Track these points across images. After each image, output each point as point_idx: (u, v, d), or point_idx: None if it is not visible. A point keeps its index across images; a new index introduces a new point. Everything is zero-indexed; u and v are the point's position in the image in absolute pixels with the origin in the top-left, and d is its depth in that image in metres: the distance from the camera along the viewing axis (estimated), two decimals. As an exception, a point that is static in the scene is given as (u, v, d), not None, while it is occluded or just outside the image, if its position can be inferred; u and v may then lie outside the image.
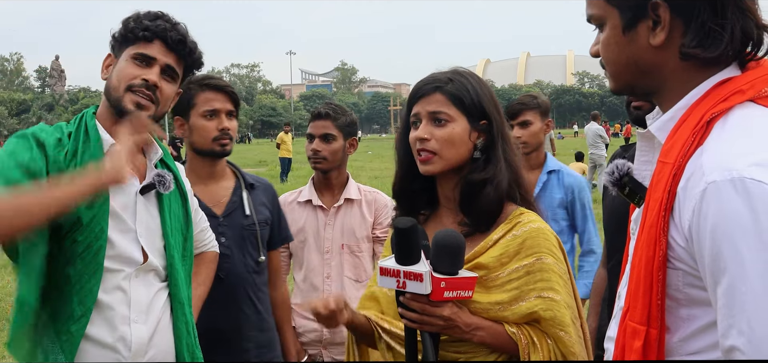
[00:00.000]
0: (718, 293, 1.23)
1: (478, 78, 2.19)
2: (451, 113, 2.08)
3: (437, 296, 1.87)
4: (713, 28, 1.35)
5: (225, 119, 3.04)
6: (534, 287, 2.01)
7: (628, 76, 1.49)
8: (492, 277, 2.03)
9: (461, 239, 1.90)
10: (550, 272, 2.03)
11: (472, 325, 1.98)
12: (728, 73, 1.39)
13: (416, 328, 1.95)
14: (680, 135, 1.35)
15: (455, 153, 2.09)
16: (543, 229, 2.09)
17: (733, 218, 1.20)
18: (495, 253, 2.04)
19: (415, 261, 1.87)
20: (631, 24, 1.42)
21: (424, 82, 2.15)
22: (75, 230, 2.24)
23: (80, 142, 2.33)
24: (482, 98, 2.12)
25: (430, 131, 2.08)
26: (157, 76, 2.38)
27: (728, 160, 1.23)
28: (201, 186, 3.11)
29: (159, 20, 2.40)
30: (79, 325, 2.24)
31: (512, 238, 2.05)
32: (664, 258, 1.31)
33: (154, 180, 2.42)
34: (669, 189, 1.30)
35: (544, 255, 2.04)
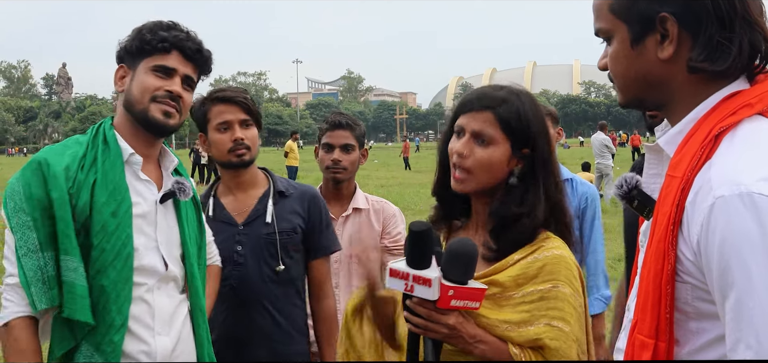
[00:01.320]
0: (726, 307, 1.23)
1: (533, 101, 2.12)
2: (495, 135, 2.03)
3: (444, 304, 1.84)
4: (721, 41, 1.35)
5: (238, 129, 3.01)
6: (545, 314, 1.96)
7: (637, 90, 1.49)
8: (506, 296, 1.99)
9: (474, 249, 1.86)
10: (565, 302, 1.98)
11: (476, 337, 1.94)
12: (737, 87, 1.38)
13: (420, 333, 1.91)
14: (689, 148, 1.34)
15: (490, 177, 2.05)
16: (565, 257, 2.03)
17: (741, 233, 1.20)
18: (513, 273, 2.00)
19: (425, 266, 1.85)
20: (640, 38, 1.42)
21: (477, 95, 2.10)
22: (102, 239, 2.24)
23: (99, 150, 2.33)
24: (532, 125, 2.05)
25: (470, 148, 2.04)
26: (180, 87, 2.40)
27: (736, 174, 1.23)
28: (230, 196, 3.12)
29: (174, 31, 2.40)
30: (120, 334, 2.25)
31: (533, 260, 2.00)
32: (672, 272, 1.31)
33: (174, 187, 2.43)
34: (677, 203, 1.30)
35: (561, 284, 1.98)
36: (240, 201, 3.12)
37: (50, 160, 2.25)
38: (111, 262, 2.23)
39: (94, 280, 2.23)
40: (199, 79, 2.54)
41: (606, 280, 4.09)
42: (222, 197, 3.13)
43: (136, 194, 2.35)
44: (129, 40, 2.41)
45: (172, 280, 2.43)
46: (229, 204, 3.09)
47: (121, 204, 2.27)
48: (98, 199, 2.24)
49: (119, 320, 2.24)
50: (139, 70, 2.38)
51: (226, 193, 3.12)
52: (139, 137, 2.42)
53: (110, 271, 2.23)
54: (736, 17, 1.34)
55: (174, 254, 2.44)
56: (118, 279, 2.24)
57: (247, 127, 3.04)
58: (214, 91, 3.09)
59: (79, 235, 2.23)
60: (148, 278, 2.35)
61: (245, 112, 3.03)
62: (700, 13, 1.35)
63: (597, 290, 4.05)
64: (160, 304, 2.37)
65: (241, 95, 3.05)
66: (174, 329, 2.40)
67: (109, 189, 2.27)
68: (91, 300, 2.22)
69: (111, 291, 2.23)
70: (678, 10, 1.37)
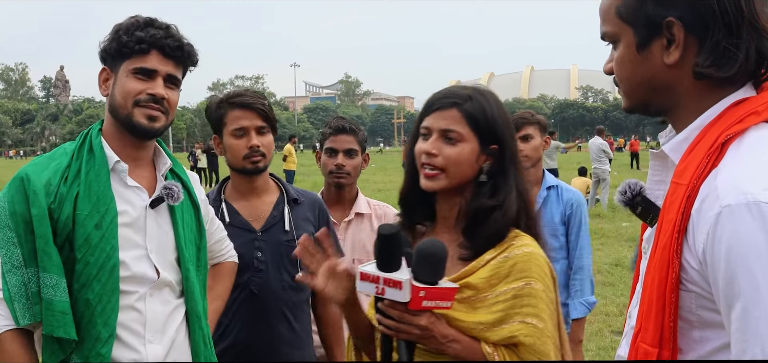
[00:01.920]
0: (731, 317, 1.22)
1: (497, 100, 2.14)
2: (463, 132, 2.04)
3: (415, 305, 1.84)
4: (727, 47, 1.33)
5: (254, 136, 2.99)
6: (519, 311, 1.97)
7: (642, 94, 1.48)
8: (480, 298, 2.00)
9: (443, 249, 1.86)
10: (538, 299, 1.99)
11: (448, 336, 1.95)
12: (743, 94, 1.37)
13: (392, 335, 1.93)
14: (694, 156, 1.33)
15: (460, 174, 2.05)
16: (536, 254, 2.04)
17: (748, 242, 1.18)
18: (485, 274, 2.01)
19: (395, 268, 1.86)
20: (645, 42, 1.42)
21: (442, 94, 2.10)
22: (86, 252, 2.21)
23: (84, 161, 2.30)
24: (498, 122, 2.08)
25: (439, 147, 2.04)
26: (163, 89, 2.35)
27: (743, 183, 1.22)
28: (242, 202, 3.10)
29: (151, 28, 2.33)
30: (108, 346, 2.23)
31: (504, 259, 2.01)
32: (676, 280, 1.30)
33: (162, 192, 2.39)
34: (683, 211, 1.29)
35: (534, 280, 1.99)
36: (254, 206, 3.10)
37: (32, 175, 2.23)
38: (95, 275, 2.21)
39: (79, 294, 2.21)
40: (185, 74, 2.49)
41: (591, 286, 4.12)
42: (233, 202, 3.10)
43: (123, 202, 2.31)
44: (108, 42, 2.36)
45: (166, 286, 2.39)
46: (242, 209, 3.07)
47: (105, 215, 2.24)
48: (81, 212, 2.22)
49: (106, 333, 2.22)
50: (120, 74, 2.34)
51: (237, 198, 3.10)
52: (127, 142, 2.38)
53: (95, 285, 2.21)
54: (744, 23, 1.33)
55: (168, 259, 2.41)
56: (103, 292, 2.22)
57: (263, 133, 3.03)
58: (232, 95, 3.07)
59: (62, 249, 2.21)
60: (139, 286, 2.32)
61: (262, 119, 3.01)
62: (706, 19, 1.34)
63: (581, 295, 4.08)
64: (152, 311, 2.34)
65: (260, 101, 3.03)
66: (167, 336, 2.37)
67: (93, 201, 2.24)
68: (77, 314, 2.21)
69: (96, 304, 2.21)
70: (684, 15, 1.36)
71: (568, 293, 4.10)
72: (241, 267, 2.92)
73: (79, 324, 2.21)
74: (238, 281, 2.94)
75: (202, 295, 2.53)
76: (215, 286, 2.75)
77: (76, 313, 2.21)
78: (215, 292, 2.74)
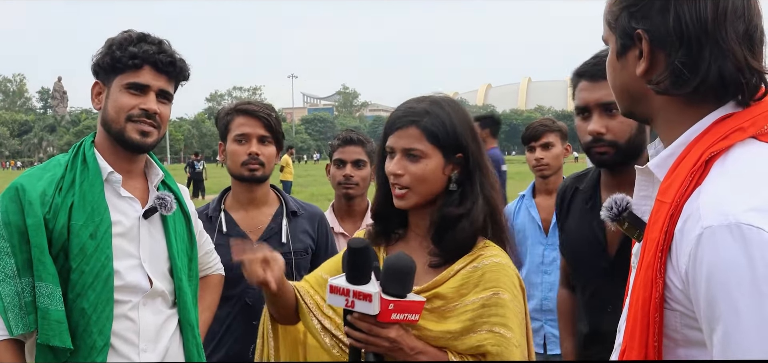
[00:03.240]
0: (713, 340, 1.20)
1: (456, 107, 2.15)
2: (425, 149, 2.05)
3: (385, 317, 1.88)
4: (679, 67, 1.32)
5: (255, 144, 3.01)
6: (487, 321, 1.99)
7: (624, 101, 1.49)
8: (449, 308, 2.02)
9: (411, 263, 1.90)
10: (506, 308, 2.00)
11: (416, 348, 1.97)
12: (730, 109, 1.34)
13: (362, 348, 1.95)
14: (678, 173, 1.31)
15: (428, 188, 2.07)
16: (504, 264, 2.06)
17: (728, 266, 1.16)
18: (454, 284, 2.03)
19: (365, 281, 1.88)
20: (622, 51, 1.43)
21: (400, 112, 2.12)
22: (81, 261, 2.23)
23: (78, 171, 2.32)
24: (458, 131, 2.08)
25: (403, 166, 2.06)
26: (155, 104, 2.38)
27: (725, 204, 1.19)
28: (241, 211, 3.12)
29: (144, 44, 2.36)
30: (103, 355, 2.24)
31: (473, 269, 2.03)
32: (660, 299, 1.28)
33: (156, 202, 2.41)
34: (666, 230, 1.27)
35: (502, 290, 2.01)
36: (252, 217, 3.11)
37: (27, 185, 2.25)
38: (90, 284, 2.23)
39: (74, 303, 2.22)
40: (177, 88, 2.51)
41: None
42: (232, 212, 3.12)
43: (117, 212, 2.34)
44: (101, 56, 2.38)
45: (159, 295, 2.41)
46: (241, 220, 3.08)
47: (99, 225, 2.26)
48: (76, 222, 2.24)
49: (101, 342, 2.23)
50: (113, 89, 2.37)
51: (237, 208, 3.12)
52: (119, 154, 2.41)
53: (90, 294, 2.23)
54: (707, 44, 1.30)
55: (161, 269, 2.43)
56: (98, 301, 2.23)
57: (265, 143, 3.05)
58: (239, 103, 3.11)
59: (57, 258, 2.23)
60: (132, 296, 2.34)
61: (265, 129, 3.03)
62: (667, 35, 1.33)
63: None
64: (145, 320, 2.36)
65: (265, 111, 3.05)
66: (160, 345, 2.39)
67: (87, 211, 2.26)
68: (72, 322, 2.22)
69: (91, 313, 2.22)
70: (651, 29, 1.35)
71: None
72: (235, 278, 2.92)
73: (74, 333, 2.22)
74: (232, 293, 2.96)
75: (194, 304, 2.55)
76: (204, 298, 2.77)
77: (71, 322, 2.22)
78: (204, 304, 2.77)
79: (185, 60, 2.48)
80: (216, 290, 2.88)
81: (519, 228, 4.21)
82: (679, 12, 1.32)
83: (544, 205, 4.17)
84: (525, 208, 4.23)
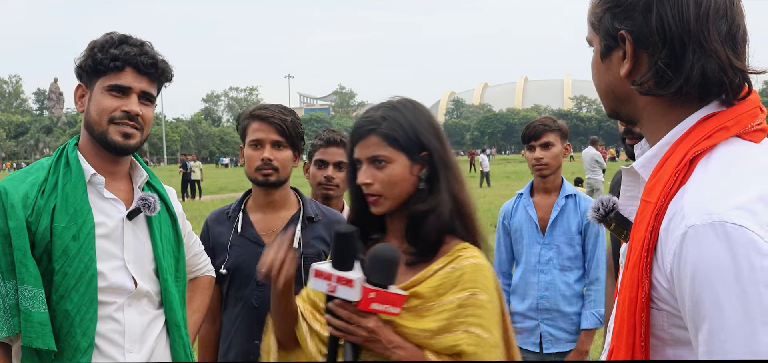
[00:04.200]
0: (699, 339, 1.21)
1: (413, 107, 2.18)
2: (388, 154, 2.09)
3: (364, 306, 1.90)
4: (662, 67, 1.33)
5: (268, 149, 3.02)
6: (464, 321, 2.00)
7: (610, 102, 1.50)
8: (427, 307, 2.04)
9: (397, 254, 1.94)
10: (483, 309, 2.02)
11: (393, 342, 1.99)
12: (713, 108, 1.35)
13: (340, 336, 1.97)
14: (663, 173, 1.32)
15: (399, 191, 2.11)
16: (482, 265, 2.09)
17: (712, 265, 1.17)
18: (433, 284, 2.05)
19: (349, 268, 1.91)
20: (606, 52, 1.43)
21: (359, 124, 2.16)
22: (64, 263, 2.23)
23: (60, 174, 2.32)
24: (419, 130, 2.12)
25: (371, 174, 2.10)
26: (137, 105, 2.38)
27: (709, 202, 1.20)
28: (259, 214, 3.13)
29: (125, 46, 2.37)
30: (87, 356, 2.24)
31: (452, 270, 2.06)
32: (647, 299, 1.28)
33: (139, 203, 2.42)
34: (651, 230, 1.28)
35: (479, 291, 2.04)
36: (269, 221, 3.12)
37: (9, 188, 2.25)
38: (74, 286, 2.23)
39: (57, 306, 2.22)
40: (160, 90, 2.52)
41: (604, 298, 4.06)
42: (251, 214, 3.14)
43: (100, 214, 2.34)
44: (83, 59, 2.39)
45: (144, 296, 2.41)
46: (257, 222, 3.10)
47: (82, 227, 2.26)
48: (58, 224, 2.24)
49: (85, 343, 2.23)
50: (95, 91, 2.37)
51: (255, 210, 3.14)
52: (103, 156, 2.41)
53: (73, 295, 2.23)
54: (690, 44, 1.31)
55: (146, 270, 2.43)
56: (81, 302, 2.23)
57: (279, 148, 3.04)
58: (256, 108, 3.12)
59: (40, 261, 2.23)
60: (117, 297, 2.34)
61: (279, 133, 3.02)
62: (650, 35, 1.34)
63: (594, 306, 4.04)
64: (130, 321, 2.36)
65: (278, 116, 3.04)
66: (146, 346, 2.39)
67: (70, 213, 2.26)
68: (56, 325, 2.22)
69: (75, 315, 2.23)
70: (635, 30, 1.36)
71: (582, 303, 4.08)
72: (244, 280, 2.95)
73: (58, 335, 2.22)
74: (240, 294, 2.99)
75: (181, 304, 2.56)
76: (193, 300, 2.78)
77: (55, 324, 2.22)
78: (194, 306, 2.77)
79: (167, 61, 2.48)
80: (206, 292, 2.88)
81: (516, 227, 4.21)
82: (661, 12, 1.32)
83: (541, 205, 4.17)
84: (522, 206, 4.23)
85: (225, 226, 3.11)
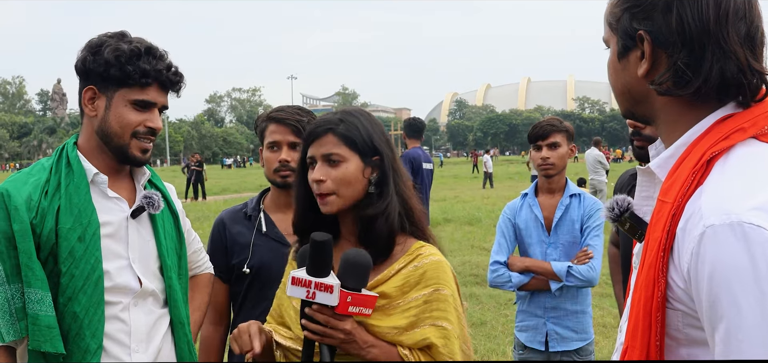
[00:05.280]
0: (715, 339, 1.21)
1: (368, 115, 2.28)
2: (343, 153, 2.16)
3: (342, 309, 1.98)
4: (681, 68, 1.33)
5: (286, 151, 3.02)
6: (430, 315, 2.12)
7: (625, 102, 1.50)
8: (393, 305, 2.13)
9: (369, 258, 2.02)
10: (447, 303, 2.15)
11: (368, 342, 2.08)
12: (730, 109, 1.35)
13: (317, 340, 2.03)
14: (680, 174, 1.32)
15: (351, 191, 2.17)
16: (442, 262, 2.20)
17: (730, 264, 1.17)
18: (397, 283, 2.14)
19: (326, 274, 1.97)
20: (624, 52, 1.43)
21: (316, 124, 2.23)
22: (70, 265, 2.22)
23: (62, 175, 2.31)
24: (373, 135, 2.21)
25: (325, 172, 2.16)
26: (158, 120, 2.41)
27: (727, 203, 1.20)
28: (280, 214, 3.13)
29: (153, 59, 2.34)
30: (97, 357, 2.24)
31: (413, 269, 2.16)
32: (662, 299, 1.28)
33: (143, 202, 2.41)
34: (668, 229, 1.28)
35: (442, 287, 2.15)
36: (289, 220, 3.10)
37: (12, 191, 2.23)
38: (81, 287, 2.22)
39: (65, 308, 2.21)
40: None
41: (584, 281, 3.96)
42: (271, 213, 3.13)
43: (104, 213, 2.33)
44: (101, 65, 2.31)
45: (149, 295, 2.41)
46: (279, 222, 3.10)
47: (87, 227, 2.25)
48: (63, 226, 2.22)
49: (94, 345, 2.23)
50: (116, 101, 2.34)
51: (275, 209, 3.14)
52: (108, 161, 2.40)
53: (81, 297, 2.22)
54: (708, 45, 1.31)
55: (151, 268, 2.43)
56: (89, 304, 2.23)
57: (297, 149, 3.01)
58: (273, 110, 3.13)
59: (46, 263, 2.21)
60: (122, 297, 2.33)
61: (295, 135, 3.01)
62: (670, 36, 1.34)
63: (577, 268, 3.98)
64: (136, 321, 2.36)
65: (294, 117, 3.03)
66: (153, 345, 2.39)
67: (75, 213, 2.25)
68: (64, 327, 2.21)
69: (83, 317, 2.22)
70: (653, 30, 1.36)
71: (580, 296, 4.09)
72: (269, 280, 2.94)
73: (66, 337, 2.21)
74: (263, 294, 2.98)
75: (184, 302, 2.56)
76: (194, 298, 2.78)
77: (64, 327, 2.21)
78: (194, 304, 2.77)
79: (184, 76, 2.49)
80: (205, 290, 2.89)
81: (523, 225, 4.22)
82: (681, 13, 1.32)
83: (546, 204, 4.19)
84: (528, 206, 4.24)
85: (244, 226, 3.10)
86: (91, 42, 2.37)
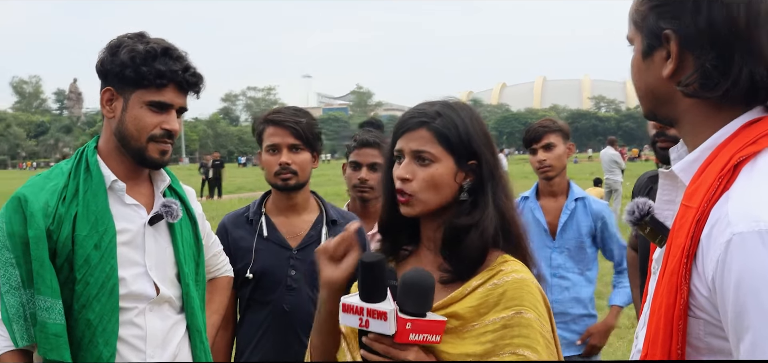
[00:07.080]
0: (741, 349, 1.17)
1: (470, 112, 2.01)
2: (435, 153, 1.91)
3: (402, 338, 1.73)
4: (709, 69, 1.29)
5: (285, 154, 2.98)
6: (510, 342, 1.80)
7: (649, 103, 1.46)
8: (467, 328, 1.85)
9: (431, 279, 1.76)
10: (530, 328, 1.82)
11: None
12: (758, 113, 1.31)
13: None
14: (705, 178, 1.28)
15: (437, 196, 1.92)
16: (527, 280, 1.89)
17: (759, 273, 1.13)
18: (472, 303, 1.86)
19: (380, 299, 1.74)
20: (649, 51, 1.39)
21: (410, 114, 1.99)
22: (85, 272, 2.21)
23: (81, 180, 2.29)
24: (472, 136, 1.94)
25: (412, 170, 1.92)
26: (176, 122, 2.36)
27: (756, 209, 1.16)
28: (281, 217, 3.11)
29: (169, 60, 2.30)
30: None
31: (493, 287, 1.87)
32: (685, 306, 1.24)
33: (161, 210, 2.38)
34: (692, 236, 1.24)
35: (525, 309, 1.83)
36: (293, 224, 3.11)
37: (29, 196, 2.22)
38: (95, 295, 2.20)
39: (79, 315, 2.20)
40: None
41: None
42: (273, 217, 3.12)
43: (122, 221, 2.30)
44: (118, 66, 2.29)
45: (166, 302, 2.39)
46: (281, 225, 3.08)
47: (104, 235, 2.23)
48: (80, 233, 2.21)
49: (107, 353, 2.21)
50: (132, 103, 2.31)
51: (276, 213, 3.12)
52: (127, 164, 2.38)
53: (95, 305, 2.20)
54: (737, 47, 1.28)
55: (168, 275, 2.41)
56: (103, 312, 2.21)
57: (297, 151, 3.01)
58: (270, 112, 3.10)
59: (62, 269, 2.20)
60: (138, 303, 2.31)
61: (295, 137, 2.99)
62: (698, 36, 1.30)
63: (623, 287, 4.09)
64: (152, 326, 2.34)
65: (292, 119, 3.00)
66: (168, 351, 2.37)
67: (92, 220, 2.23)
68: (77, 334, 2.20)
69: (97, 324, 2.20)
70: (680, 29, 1.32)
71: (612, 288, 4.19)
72: (272, 284, 2.93)
73: (79, 344, 2.20)
74: (268, 298, 2.97)
75: (201, 309, 2.53)
76: (213, 301, 2.76)
77: (77, 334, 2.20)
78: (213, 307, 2.75)
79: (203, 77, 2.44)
80: (225, 293, 2.87)
81: None
82: (711, 14, 1.28)
83: (549, 208, 4.14)
84: (529, 210, 4.16)
85: (245, 230, 3.08)
86: (110, 43, 2.35)
